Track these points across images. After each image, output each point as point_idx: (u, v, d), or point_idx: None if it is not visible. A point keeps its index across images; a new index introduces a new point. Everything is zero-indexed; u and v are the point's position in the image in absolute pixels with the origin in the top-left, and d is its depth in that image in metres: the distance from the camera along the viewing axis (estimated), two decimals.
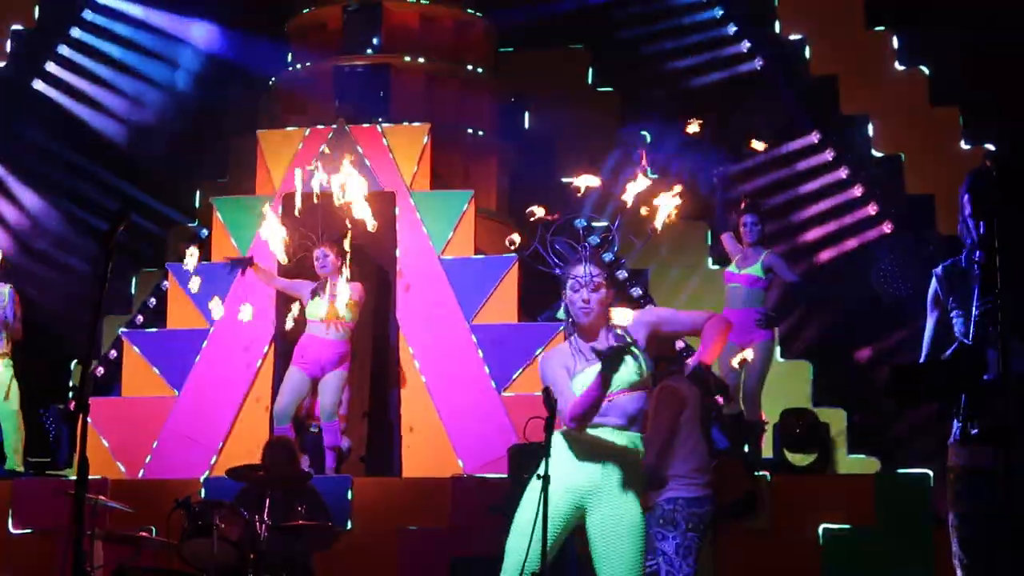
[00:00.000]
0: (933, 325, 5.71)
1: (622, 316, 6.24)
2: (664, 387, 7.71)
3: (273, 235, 10.83)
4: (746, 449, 10.54)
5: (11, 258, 12.76)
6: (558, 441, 6.20)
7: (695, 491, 7.53)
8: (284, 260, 11.07)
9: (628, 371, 6.09)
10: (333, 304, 10.90)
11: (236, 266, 11.26)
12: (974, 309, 5.47)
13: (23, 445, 11.44)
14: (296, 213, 10.74)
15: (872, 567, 9.72)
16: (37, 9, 15.38)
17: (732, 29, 14.50)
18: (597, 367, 6.00)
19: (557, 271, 6.34)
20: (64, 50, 15.23)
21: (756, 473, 8.95)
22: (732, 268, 11.05)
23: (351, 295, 10.92)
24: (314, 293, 11.03)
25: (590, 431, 6.14)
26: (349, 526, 10.40)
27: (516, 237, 6.47)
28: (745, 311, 10.70)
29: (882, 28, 13.92)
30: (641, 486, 6.30)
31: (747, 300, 10.84)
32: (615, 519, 6.13)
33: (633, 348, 6.08)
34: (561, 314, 6.54)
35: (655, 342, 6.31)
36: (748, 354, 9.15)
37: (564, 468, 6.13)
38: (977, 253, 5.43)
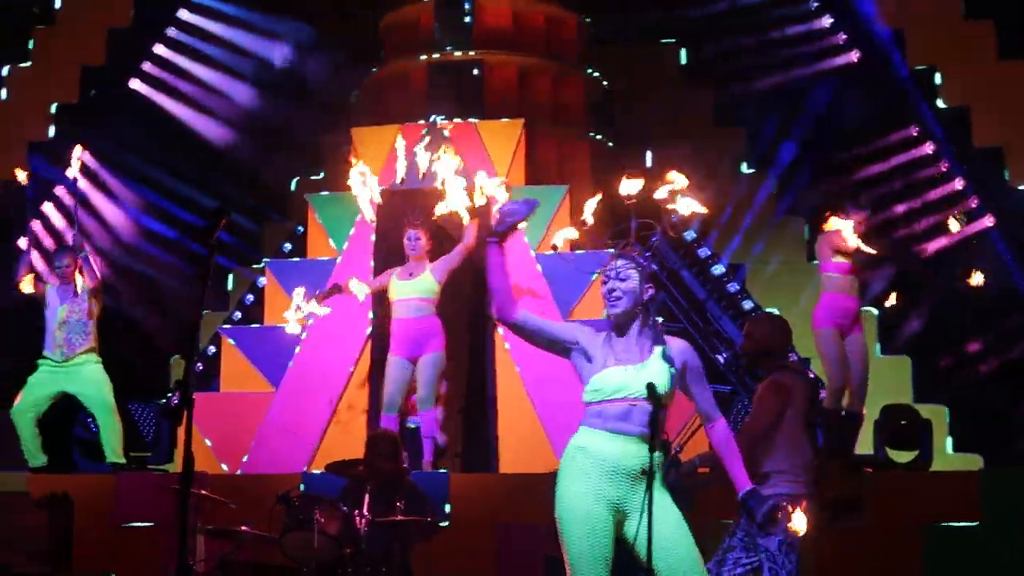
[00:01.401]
0: None
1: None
2: (773, 380, 7.68)
3: (363, 194, 11.15)
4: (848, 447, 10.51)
5: (109, 252, 12.93)
6: (582, 451, 6.08)
7: (798, 488, 7.50)
8: (370, 219, 11.24)
9: (657, 380, 5.94)
10: (420, 281, 11.04)
11: (329, 295, 11.32)
12: None
13: (120, 439, 11.56)
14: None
15: (976, 566, 9.63)
16: (133, 9, 15.57)
17: (828, 21, 14.41)
18: (628, 367, 5.99)
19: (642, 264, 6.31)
20: (160, 49, 15.42)
21: (859, 472, 8.88)
22: (839, 259, 11.03)
23: (433, 274, 11.04)
24: (400, 275, 11.13)
25: (610, 442, 6.02)
26: (447, 521, 10.43)
27: (563, 236, 6.41)
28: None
29: (981, 19, 13.78)
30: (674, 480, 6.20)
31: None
32: (666, 517, 5.96)
33: (666, 358, 6.00)
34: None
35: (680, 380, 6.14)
36: None
37: (594, 482, 6.01)
38: None
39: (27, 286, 11.56)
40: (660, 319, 6.31)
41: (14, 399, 11.45)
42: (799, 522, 6.22)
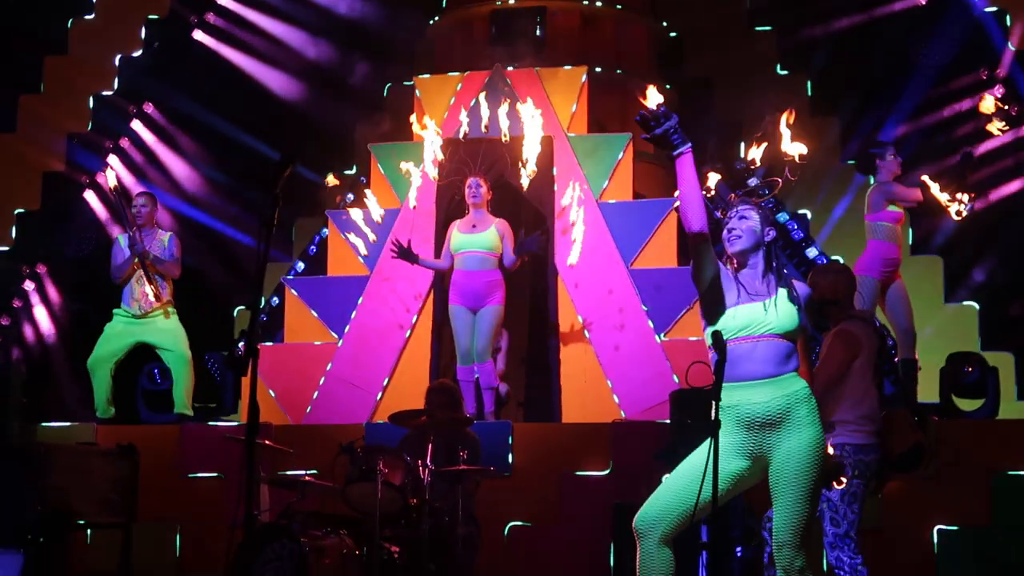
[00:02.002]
0: None
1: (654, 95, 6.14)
2: (841, 330, 7.67)
3: (430, 147, 11.27)
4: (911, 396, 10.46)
5: (174, 208, 13.00)
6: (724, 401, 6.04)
7: (863, 438, 7.49)
8: (434, 177, 11.30)
9: (782, 316, 6.03)
10: (483, 233, 11.06)
11: (404, 257, 11.36)
12: None
13: (191, 392, 11.68)
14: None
15: None
16: None
17: None
18: (747, 307, 6.01)
19: (717, 215, 6.33)
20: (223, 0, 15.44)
21: (926, 421, 8.83)
22: (893, 208, 11.03)
23: (496, 228, 11.07)
24: (462, 227, 11.16)
25: (738, 389, 6.02)
26: (510, 472, 10.47)
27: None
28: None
29: None
30: (816, 420, 6.07)
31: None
32: (791, 459, 5.97)
33: (792, 298, 6.03)
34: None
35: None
36: None
37: (732, 435, 6.04)
38: None
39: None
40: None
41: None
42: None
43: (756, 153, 6.45)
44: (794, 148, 6.37)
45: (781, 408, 6.00)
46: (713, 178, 6.65)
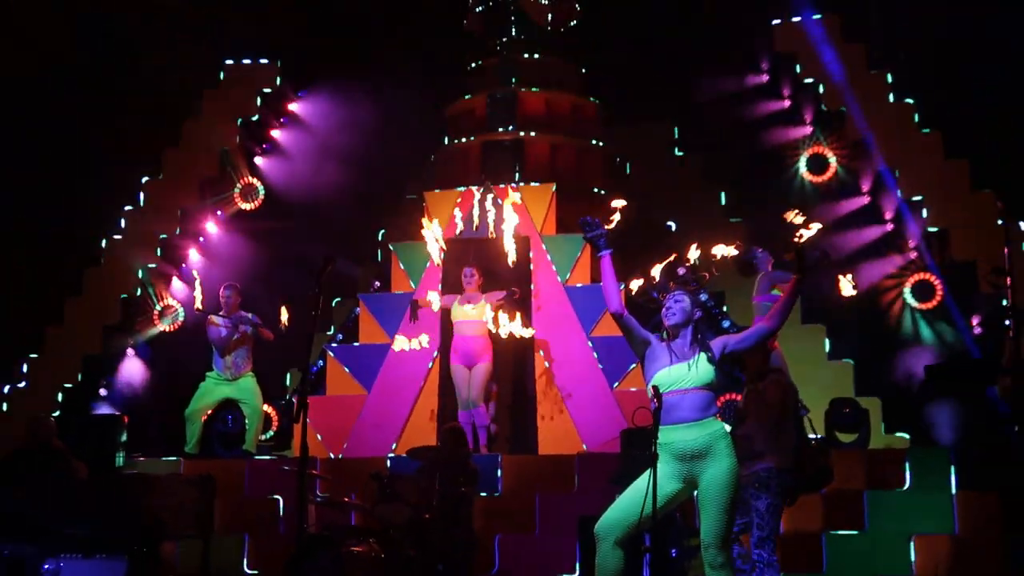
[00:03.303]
0: None
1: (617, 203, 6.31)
2: (775, 381, 7.70)
3: (432, 240, 11.36)
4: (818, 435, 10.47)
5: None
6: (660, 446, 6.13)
7: (785, 464, 7.52)
8: (437, 261, 11.32)
9: (702, 373, 6.14)
10: (474, 308, 11.10)
11: (415, 312, 11.44)
12: None
13: (258, 436, 11.72)
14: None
15: (906, 521, 9.57)
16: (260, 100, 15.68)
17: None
18: (681, 365, 6.10)
19: (655, 295, 6.49)
20: (277, 134, 15.44)
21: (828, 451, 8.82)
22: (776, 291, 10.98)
23: (487, 303, 11.12)
24: (461, 302, 11.21)
25: (671, 430, 6.07)
26: (499, 492, 10.46)
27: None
28: None
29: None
30: (732, 452, 6.16)
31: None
32: (714, 481, 6.07)
33: (710, 359, 6.17)
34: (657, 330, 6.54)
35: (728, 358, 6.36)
36: None
37: (668, 465, 6.09)
38: None
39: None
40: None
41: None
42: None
43: (693, 254, 6.68)
44: (720, 250, 6.58)
45: (705, 444, 6.08)
46: (657, 269, 6.81)
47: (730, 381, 10.50)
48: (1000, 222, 11.32)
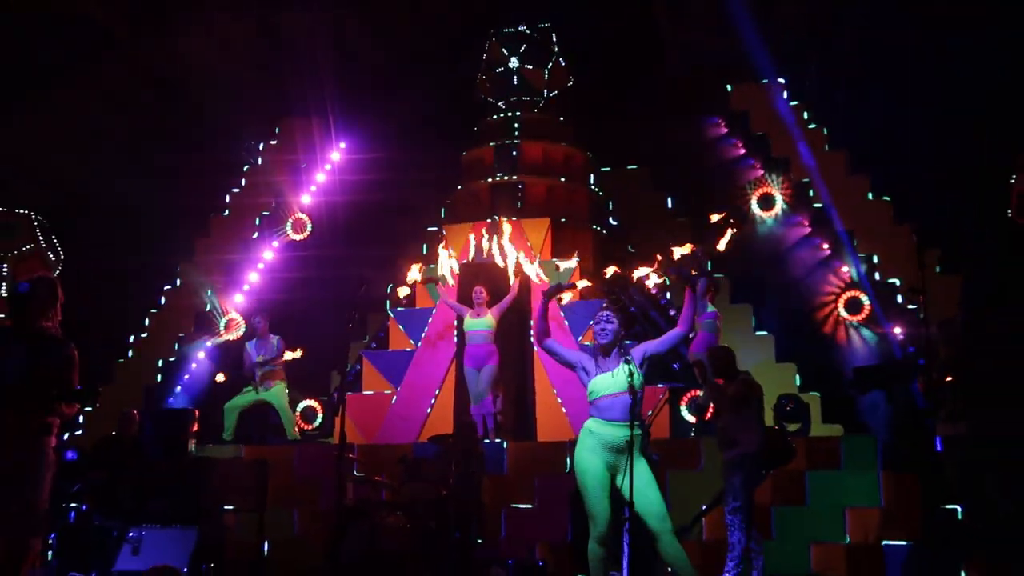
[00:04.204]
0: None
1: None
2: (744, 379, 7.71)
3: (446, 265, 11.24)
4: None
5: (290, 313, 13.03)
6: (589, 433, 6.09)
7: (755, 449, 7.52)
8: (451, 283, 11.33)
9: (621, 380, 6.03)
10: (483, 320, 11.08)
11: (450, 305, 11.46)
12: None
13: (292, 426, 11.81)
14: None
15: (839, 496, 9.54)
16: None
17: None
18: (607, 374, 6.05)
19: (633, 310, 6.50)
20: (321, 179, 15.38)
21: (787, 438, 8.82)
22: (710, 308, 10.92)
23: (492, 316, 11.09)
24: (471, 315, 11.19)
25: (604, 427, 6.01)
26: (505, 472, 10.44)
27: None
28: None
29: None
30: (647, 452, 6.11)
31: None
32: (639, 474, 5.96)
33: (630, 365, 6.04)
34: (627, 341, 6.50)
35: (650, 365, 6.26)
36: None
37: (596, 453, 6.04)
38: None
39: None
40: (628, 344, 6.35)
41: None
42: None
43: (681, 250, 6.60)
44: (679, 251, 6.52)
45: (626, 440, 5.99)
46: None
47: (692, 379, 10.51)
48: (916, 249, 11.34)
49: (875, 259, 13.06)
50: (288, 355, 11.77)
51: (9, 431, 5.52)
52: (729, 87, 14.54)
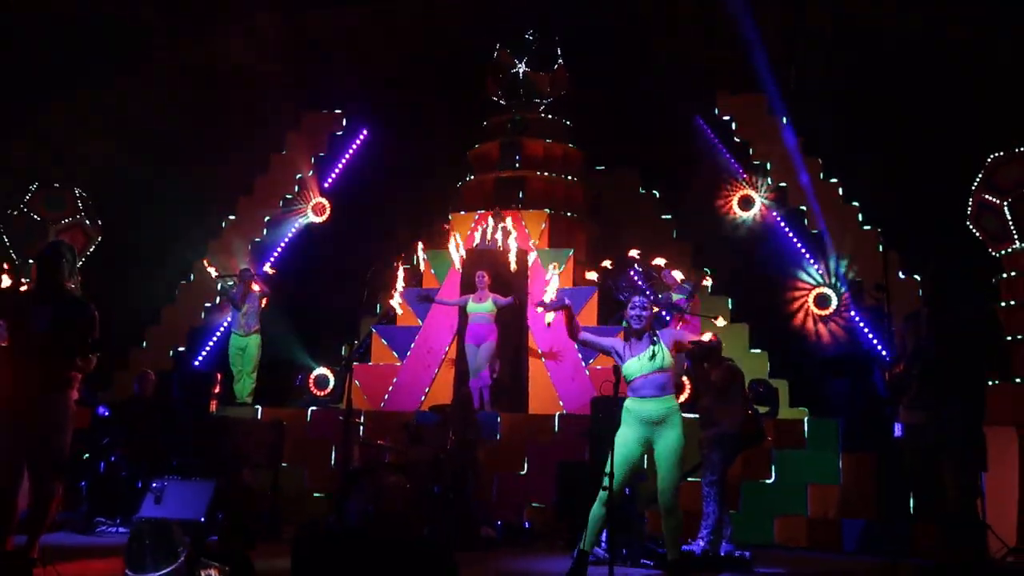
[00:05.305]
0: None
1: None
2: (729, 366, 7.69)
3: (455, 251, 11.21)
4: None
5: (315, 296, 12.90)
6: (627, 411, 6.14)
7: (734, 429, 7.49)
8: (458, 267, 11.23)
9: (659, 360, 6.03)
10: (484, 303, 10.99)
11: (422, 300, 11.39)
12: None
13: (253, 382, 11.78)
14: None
15: (803, 474, 9.51)
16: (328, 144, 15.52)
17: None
18: (643, 353, 5.96)
19: (622, 297, 6.42)
20: (335, 175, 15.25)
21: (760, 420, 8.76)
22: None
23: (494, 302, 11.00)
24: (474, 299, 11.10)
25: (640, 401, 6.03)
26: (498, 440, 10.39)
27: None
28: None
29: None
30: (682, 425, 6.12)
31: None
32: (669, 445, 6.04)
33: (659, 346, 6.08)
34: (624, 323, 6.49)
35: (677, 348, 6.30)
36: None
37: (634, 428, 6.07)
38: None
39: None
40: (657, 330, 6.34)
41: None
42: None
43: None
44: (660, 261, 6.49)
45: (662, 414, 6.01)
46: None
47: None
48: (880, 250, 11.28)
49: (845, 259, 12.99)
50: (256, 287, 11.76)
51: (36, 384, 5.50)
52: (715, 94, 14.43)
